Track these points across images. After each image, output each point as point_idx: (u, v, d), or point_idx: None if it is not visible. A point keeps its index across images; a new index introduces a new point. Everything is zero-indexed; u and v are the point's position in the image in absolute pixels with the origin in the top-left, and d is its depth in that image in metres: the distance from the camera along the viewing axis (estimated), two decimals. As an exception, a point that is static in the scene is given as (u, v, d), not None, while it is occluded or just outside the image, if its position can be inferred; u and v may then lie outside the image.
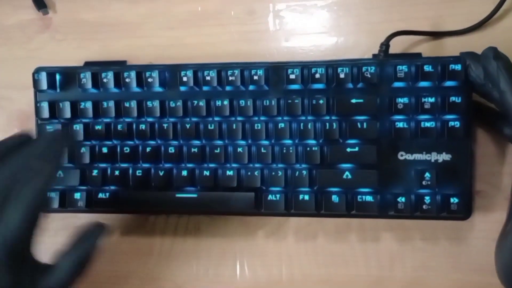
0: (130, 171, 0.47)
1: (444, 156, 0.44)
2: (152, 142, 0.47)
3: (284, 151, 0.45)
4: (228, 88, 0.46)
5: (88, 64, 0.50)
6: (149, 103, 0.47)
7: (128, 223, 0.51)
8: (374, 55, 0.46)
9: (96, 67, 0.48)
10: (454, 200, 0.43)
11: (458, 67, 0.43)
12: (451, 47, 0.47)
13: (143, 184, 0.47)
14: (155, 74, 0.46)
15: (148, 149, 0.47)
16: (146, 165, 0.47)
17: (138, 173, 0.47)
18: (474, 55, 0.43)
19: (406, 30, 0.46)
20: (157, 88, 0.47)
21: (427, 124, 0.43)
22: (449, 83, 0.43)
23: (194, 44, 0.51)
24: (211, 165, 0.47)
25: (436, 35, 0.47)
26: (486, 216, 0.46)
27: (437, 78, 0.43)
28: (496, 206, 0.46)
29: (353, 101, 0.44)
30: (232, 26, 0.51)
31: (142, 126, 0.47)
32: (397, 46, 0.47)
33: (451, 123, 0.43)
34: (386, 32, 0.46)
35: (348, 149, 0.44)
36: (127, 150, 0.47)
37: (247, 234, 0.49)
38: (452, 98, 0.43)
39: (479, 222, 0.46)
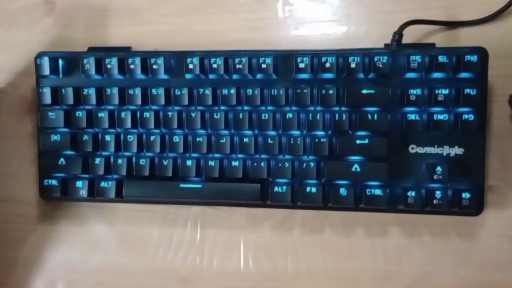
0: (134, 160, 0.46)
1: (457, 150, 0.43)
2: (157, 131, 0.46)
3: (292, 142, 0.44)
4: (235, 76, 0.45)
5: (92, 50, 0.48)
6: (153, 91, 0.45)
7: (131, 213, 0.50)
8: (386, 45, 0.45)
9: (100, 53, 0.47)
10: (465, 195, 0.42)
11: (473, 58, 0.41)
12: (466, 38, 0.46)
13: (147, 174, 0.46)
14: (160, 61, 0.45)
15: (152, 138, 0.46)
16: (150, 154, 0.46)
17: (142, 162, 0.46)
18: None
19: (419, 19, 0.45)
20: (162, 76, 0.46)
21: (440, 117, 0.42)
22: (464, 75, 0.42)
23: (202, 31, 0.50)
24: (217, 155, 0.46)
25: (450, 25, 0.46)
26: (498, 212, 0.45)
27: (451, 69, 0.42)
28: (509, 202, 0.44)
29: (364, 91, 0.43)
30: (241, 14, 0.49)
31: (147, 114, 0.46)
32: (410, 36, 0.46)
33: (465, 116, 0.42)
34: (399, 21, 0.44)
35: (358, 141, 0.43)
36: (130, 138, 0.46)
37: (252, 226, 0.48)
38: (467, 90, 0.41)
39: (491, 218, 0.45)
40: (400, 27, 0.44)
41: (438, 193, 0.42)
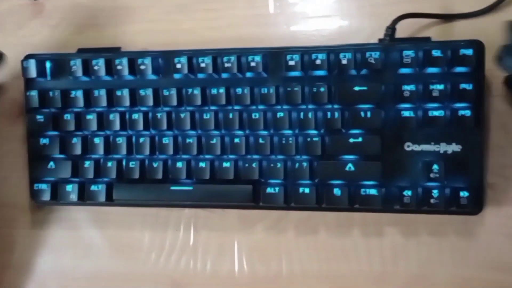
0: (124, 162, 0.46)
1: (454, 147, 0.41)
2: (146, 133, 0.45)
3: (284, 141, 0.43)
4: (224, 75, 0.44)
5: (81, 51, 0.48)
6: (142, 92, 0.45)
7: (123, 217, 0.49)
8: (380, 40, 0.43)
9: (87, 54, 0.46)
10: (464, 194, 0.41)
11: (469, 51, 0.40)
12: (462, 31, 0.44)
13: (137, 176, 0.45)
14: (148, 61, 0.44)
15: (141, 140, 0.45)
16: (140, 156, 0.45)
17: (132, 164, 0.45)
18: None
19: (413, 12, 0.43)
20: (151, 76, 0.45)
21: (435, 113, 0.41)
22: (459, 69, 0.40)
23: (191, 29, 0.49)
24: (207, 157, 0.45)
25: (445, 18, 0.44)
26: (498, 210, 0.43)
27: (446, 63, 0.40)
28: (509, 199, 0.43)
29: (356, 88, 0.42)
30: (230, 10, 0.48)
31: (135, 116, 0.45)
32: (404, 30, 0.44)
33: (461, 112, 0.40)
34: (392, 15, 0.43)
35: (351, 140, 0.42)
36: (120, 141, 0.45)
37: (245, 228, 0.47)
38: (463, 85, 0.40)
39: (490, 217, 0.43)
40: (394, 21, 0.43)
41: (435, 192, 0.41)
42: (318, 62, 0.42)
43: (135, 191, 0.46)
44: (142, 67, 0.44)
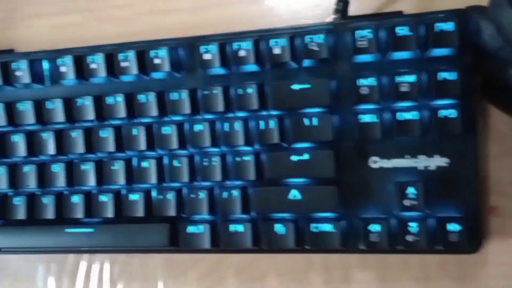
0: (7, 200, 0.35)
1: (437, 161, 0.30)
2: (34, 159, 0.35)
3: (206, 163, 0.32)
4: (123, 78, 0.33)
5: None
6: (19, 106, 0.34)
7: (23, 265, 0.39)
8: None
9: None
10: (454, 226, 0.29)
11: (449, 26, 0.28)
12: (443, 3, 0.32)
13: (23, 217, 0.35)
14: (24, 65, 0.33)
15: (26, 169, 0.34)
16: (26, 190, 0.35)
17: (17, 201, 0.35)
18: (482, 9, 0.28)
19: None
20: (34, 85, 0.34)
21: (408, 115, 0.29)
22: (437, 52, 0.29)
23: (82, 23, 0.38)
24: (111, 187, 0.34)
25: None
26: (505, 244, 0.31)
27: (418, 45, 0.29)
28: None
29: (296, 87, 0.30)
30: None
31: (15, 138, 0.34)
32: (366, 4, 0.33)
33: (444, 112, 0.29)
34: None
35: (294, 157, 0.31)
36: (1, 171, 0.35)
37: (173, 276, 0.36)
38: (443, 75, 0.28)
39: (494, 253, 0.32)
40: (345, -9, 0.31)
41: (413, 226, 0.29)
42: (242, 53, 0.31)
43: (22, 236, 0.35)
44: (18, 73, 0.34)
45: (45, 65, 0.34)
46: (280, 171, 0.31)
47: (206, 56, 0.31)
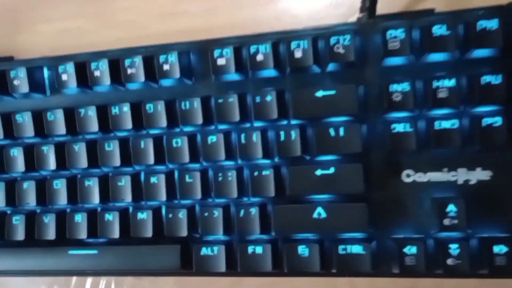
0: (6, 217, 0.32)
1: (479, 174, 0.27)
2: (34, 174, 0.32)
3: (220, 178, 0.29)
4: (130, 86, 0.30)
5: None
6: (18, 118, 0.31)
7: (25, 284, 0.36)
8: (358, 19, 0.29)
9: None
10: (499, 248, 0.26)
11: (493, 24, 0.25)
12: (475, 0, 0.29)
13: (22, 238, 0.32)
14: (22, 73, 0.31)
15: (25, 186, 0.32)
16: (25, 209, 0.32)
17: (15, 221, 0.32)
18: None
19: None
20: (34, 95, 0.32)
21: (446, 124, 0.26)
22: (479, 53, 0.26)
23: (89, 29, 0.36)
24: (117, 205, 0.31)
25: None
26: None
27: (457, 46, 0.26)
28: None
29: (320, 94, 0.27)
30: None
31: (14, 152, 0.32)
32: (392, 2, 0.30)
33: (487, 120, 0.26)
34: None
35: (319, 172, 0.28)
36: (-2, 188, 0.32)
37: (186, 301, 0.34)
38: (486, 79, 0.25)
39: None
40: (373, -11, 0.28)
41: (453, 248, 0.26)
42: (260, 57, 0.28)
43: (21, 258, 0.32)
44: (16, 82, 0.31)
45: (46, 73, 0.32)
46: (303, 186, 0.28)
47: (220, 61, 0.28)
